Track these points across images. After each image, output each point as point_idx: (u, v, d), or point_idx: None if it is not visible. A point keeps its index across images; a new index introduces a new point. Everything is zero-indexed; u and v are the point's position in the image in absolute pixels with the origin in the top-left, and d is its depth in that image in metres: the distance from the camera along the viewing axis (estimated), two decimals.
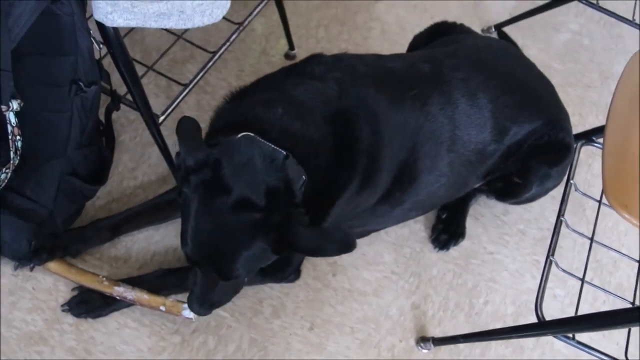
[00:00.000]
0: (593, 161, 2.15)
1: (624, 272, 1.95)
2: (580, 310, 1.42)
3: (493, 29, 2.38)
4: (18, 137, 1.31)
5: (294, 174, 1.24)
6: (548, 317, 1.39)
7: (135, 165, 1.86)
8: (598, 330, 1.50)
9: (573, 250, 1.96)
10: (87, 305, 1.60)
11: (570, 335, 1.39)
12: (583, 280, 1.49)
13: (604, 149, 1.31)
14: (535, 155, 1.62)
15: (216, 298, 1.34)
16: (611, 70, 2.43)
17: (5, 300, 1.60)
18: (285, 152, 1.24)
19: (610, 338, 1.82)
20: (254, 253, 1.22)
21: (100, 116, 1.66)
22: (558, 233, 1.54)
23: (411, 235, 1.91)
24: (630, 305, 1.51)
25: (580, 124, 2.21)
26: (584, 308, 1.79)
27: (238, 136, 1.25)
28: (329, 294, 1.77)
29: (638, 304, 1.54)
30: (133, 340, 1.60)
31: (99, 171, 1.69)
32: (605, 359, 1.41)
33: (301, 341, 1.69)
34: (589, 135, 1.79)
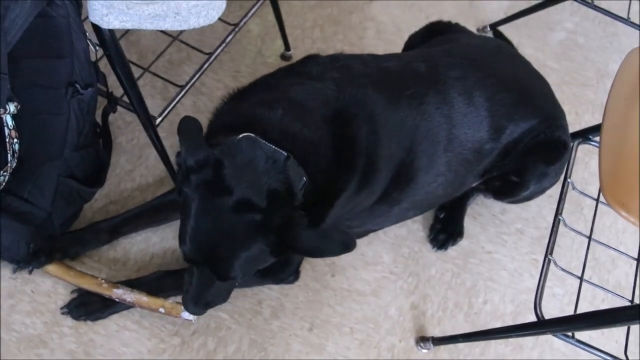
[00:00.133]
0: (590, 159, 2.16)
1: (622, 270, 1.95)
2: (579, 308, 1.42)
3: (488, 28, 2.39)
4: (15, 140, 1.31)
5: (295, 176, 1.25)
6: (547, 316, 1.39)
7: (132, 167, 1.86)
8: (597, 329, 1.50)
9: (571, 249, 1.96)
10: (87, 307, 1.60)
11: (569, 333, 1.39)
12: (582, 278, 1.49)
13: (600, 147, 1.32)
14: (532, 154, 1.63)
15: (211, 298, 1.33)
16: (606, 68, 2.44)
17: (5, 304, 1.59)
18: (286, 154, 1.24)
19: (610, 336, 1.82)
20: (253, 254, 1.22)
21: (97, 118, 1.66)
22: (556, 232, 1.54)
23: (409, 235, 1.91)
24: (629, 303, 1.51)
25: (576, 123, 2.21)
26: (583, 306, 1.79)
27: (239, 137, 1.25)
28: (328, 294, 1.77)
29: (637, 301, 1.54)
30: (133, 343, 1.60)
31: (97, 173, 1.68)
32: (605, 357, 1.41)
33: (301, 342, 1.69)
34: (585, 134, 1.80)
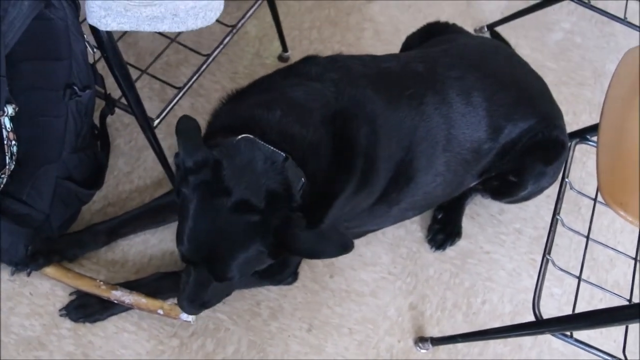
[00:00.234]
0: (587, 159, 2.16)
1: (620, 270, 1.96)
2: (577, 308, 1.43)
3: (485, 29, 2.39)
4: (13, 142, 1.31)
5: (294, 177, 1.25)
6: (545, 316, 1.39)
7: (130, 169, 1.86)
8: (596, 328, 1.50)
9: (569, 249, 1.96)
10: (85, 309, 1.60)
11: (568, 333, 1.39)
12: (580, 278, 1.50)
13: (598, 147, 1.32)
14: (530, 154, 1.63)
15: (207, 298, 1.33)
16: (604, 68, 2.44)
17: (3, 306, 1.59)
18: (284, 155, 1.24)
19: (608, 335, 1.83)
20: (251, 255, 1.22)
21: (95, 120, 1.66)
22: (554, 231, 1.55)
23: (408, 235, 1.91)
24: (627, 303, 1.52)
25: (574, 122, 2.22)
26: (581, 306, 1.79)
27: (237, 138, 1.25)
28: (326, 295, 1.77)
29: (635, 301, 1.54)
30: (132, 344, 1.60)
31: (95, 175, 1.68)
32: (603, 356, 1.41)
33: (299, 343, 1.69)
34: (583, 134, 1.80)
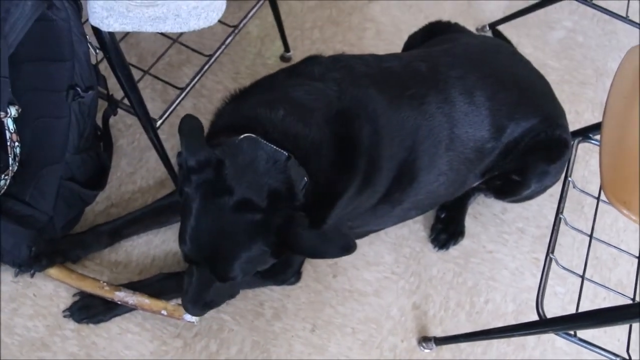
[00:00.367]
0: (590, 158, 2.16)
1: (624, 269, 1.95)
2: (581, 307, 1.43)
3: (487, 28, 2.38)
4: (16, 144, 1.31)
5: (296, 176, 1.25)
6: (549, 315, 1.39)
7: (133, 169, 1.86)
8: (599, 327, 1.50)
9: (572, 248, 1.96)
10: (89, 310, 1.60)
11: (571, 332, 1.39)
12: (583, 277, 1.49)
13: (601, 145, 1.32)
14: (533, 153, 1.63)
15: (210, 299, 1.33)
16: (606, 67, 2.44)
17: (7, 307, 1.59)
18: (287, 154, 1.24)
19: (612, 334, 1.82)
20: (253, 255, 1.22)
21: (98, 121, 1.66)
22: (557, 230, 1.54)
23: (411, 235, 1.91)
24: (631, 302, 1.51)
25: (576, 121, 2.21)
26: (585, 305, 1.79)
27: (240, 137, 1.25)
28: (329, 295, 1.77)
29: (638, 299, 1.54)
30: (135, 345, 1.60)
31: (98, 176, 1.69)
32: (607, 355, 1.41)
33: (303, 343, 1.69)
34: (585, 132, 1.80)
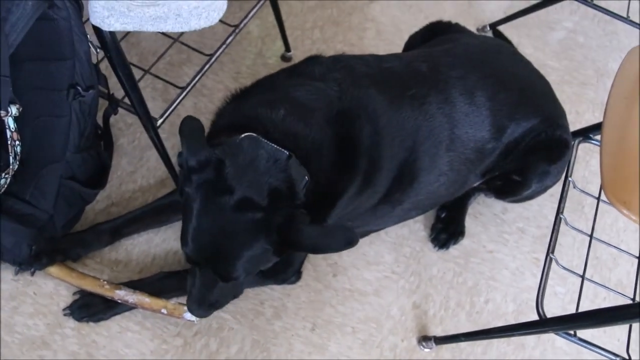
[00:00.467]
0: (591, 158, 2.16)
1: (624, 268, 1.96)
2: (581, 307, 1.43)
3: (488, 28, 2.39)
4: (17, 142, 1.32)
5: (297, 175, 1.24)
6: (549, 315, 1.39)
7: (134, 168, 1.86)
8: (599, 327, 1.50)
9: (572, 248, 1.96)
10: (89, 309, 1.60)
11: (571, 332, 1.39)
12: (583, 277, 1.49)
13: (601, 146, 1.32)
14: (534, 153, 1.63)
15: (215, 299, 1.33)
16: (606, 67, 2.44)
17: (7, 305, 1.60)
18: (288, 153, 1.24)
19: (612, 334, 1.82)
20: (256, 254, 1.22)
21: (98, 120, 1.66)
22: (557, 230, 1.54)
23: (411, 234, 1.91)
24: (631, 302, 1.52)
25: (577, 121, 2.21)
26: (585, 305, 1.79)
27: (241, 136, 1.25)
28: (329, 294, 1.77)
29: (638, 299, 1.54)
30: (135, 344, 1.60)
31: (98, 175, 1.69)
32: (607, 355, 1.41)
33: (303, 342, 1.69)
34: (586, 133, 1.79)
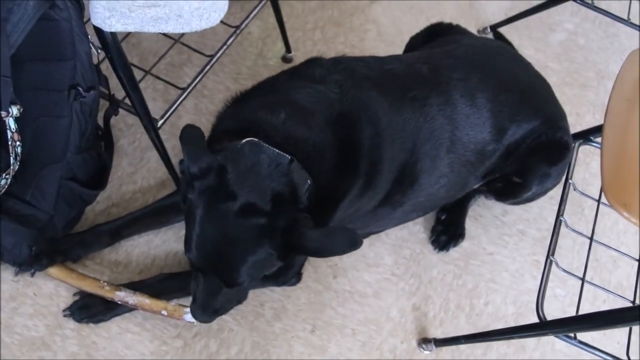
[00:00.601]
0: (591, 160, 2.16)
1: (624, 271, 1.95)
2: (581, 309, 1.43)
3: (489, 30, 2.39)
4: (18, 143, 1.32)
5: (299, 179, 1.24)
6: (549, 317, 1.39)
7: (134, 169, 1.86)
8: (599, 330, 1.50)
9: (573, 250, 1.96)
10: (89, 310, 1.60)
11: (571, 334, 1.39)
12: (583, 279, 1.49)
13: (602, 148, 1.32)
14: (534, 155, 1.63)
15: (219, 305, 1.33)
16: (607, 69, 2.44)
17: (7, 306, 1.59)
18: (290, 157, 1.24)
19: (612, 337, 1.82)
20: (260, 259, 1.22)
21: (99, 121, 1.66)
22: (557, 233, 1.54)
23: (411, 236, 1.91)
24: (631, 304, 1.52)
25: (577, 124, 2.21)
26: (585, 307, 1.80)
27: (242, 141, 1.25)
28: (329, 296, 1.77)
29: (638, 302, 1.54)
30: (135, 345, 1.60)
31: (99, 176, 1.69)
32: (607, 358, 1.41)
33: (303, 344, 1.69)
34: (586, 135, 1.80)
